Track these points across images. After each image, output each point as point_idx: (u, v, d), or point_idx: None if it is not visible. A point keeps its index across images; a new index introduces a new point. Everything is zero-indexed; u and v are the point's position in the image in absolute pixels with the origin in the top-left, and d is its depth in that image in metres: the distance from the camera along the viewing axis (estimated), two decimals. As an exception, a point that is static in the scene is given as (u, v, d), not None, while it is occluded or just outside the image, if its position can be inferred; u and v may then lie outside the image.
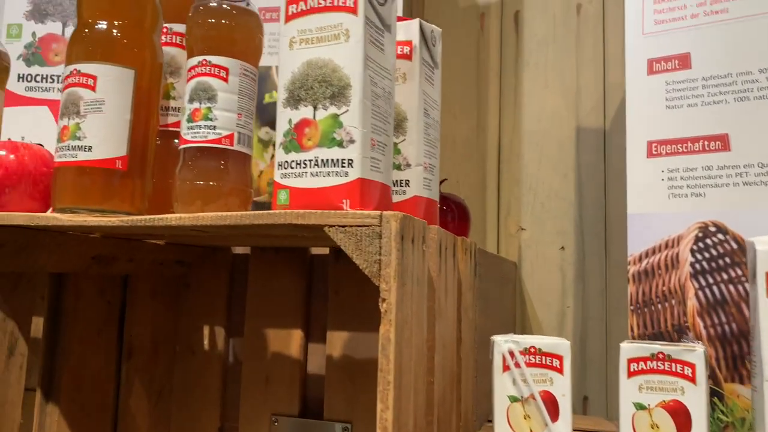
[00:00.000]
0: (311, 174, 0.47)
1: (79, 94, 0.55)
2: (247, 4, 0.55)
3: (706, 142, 0.67)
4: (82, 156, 0.54)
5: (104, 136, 0.55)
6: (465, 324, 0.64)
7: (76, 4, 0.60)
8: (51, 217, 0.52)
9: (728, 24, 0.68)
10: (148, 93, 0.58)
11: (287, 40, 0.49)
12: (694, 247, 0.66)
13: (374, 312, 0.73)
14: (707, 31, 0.69)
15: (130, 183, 0.56)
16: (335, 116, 0.47)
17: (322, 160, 0.47)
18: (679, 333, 0.66)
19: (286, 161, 0.48)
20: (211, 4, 0.54)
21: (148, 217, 0.49)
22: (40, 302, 0.64)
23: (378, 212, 0.43)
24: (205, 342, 0.80)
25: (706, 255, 0.66)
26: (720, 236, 0.66)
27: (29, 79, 0.94)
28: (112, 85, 0.56)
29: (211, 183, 0.52)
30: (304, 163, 0.47)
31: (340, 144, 0.46)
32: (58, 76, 0.95)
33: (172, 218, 0.48)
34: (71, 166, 0.55)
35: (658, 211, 0.69)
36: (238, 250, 0.82)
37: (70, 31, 0.97)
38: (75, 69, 0.56)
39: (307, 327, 0.77)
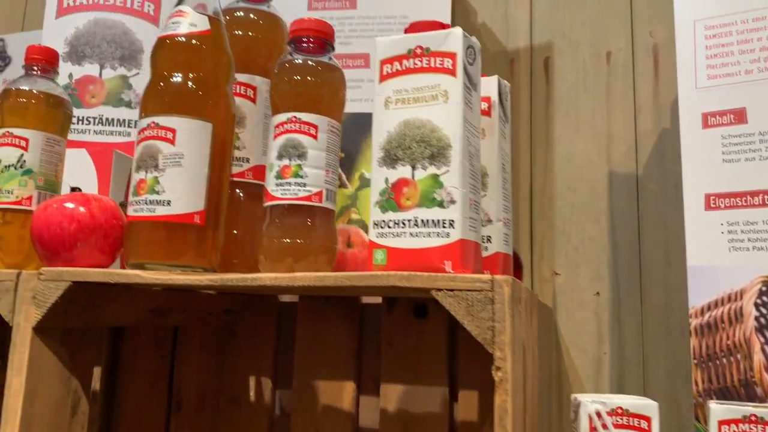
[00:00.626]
0: (411, 234, 0.46)
1: (157, 147, 0.54)
2: (330, 59, 0.55)
3: (765, 197, 0.68)
4: (161, 210, 0.53)
5: (183, 191, 0.54)
6: (533, 378, 0.63)
7: (151, 56, 0.59)
8: (133, 274, 0.50)
9: (784, 81, 0.69)
10: (222, 145, 0.57)
11: (382, 99, 0.49)
12: (758, 301, 0.67)
13: (431, 365, 0.72)
14: (762, 87, 0.70)
15: (205, 237, 0.55)
16: (435, 176, 0.46)
17: (422, 221, 0.46)
18: (746, 388, 0.66)
19: (383, 220, 0.47)
20: (296, 60, 0.54)
21: (240, 276, 0.48)
22: (98, 356, 0.62)
23: (489, 276, 0.42)
24: (252, 393, 0.78)
25: (770, 309, 0.66)
26: (784, 290, 0.66)
27: (65, 120, 0.93)
28: (191, 138, 0.55)
29: (298, 240, 0.51)
30: (403, 223, 0.47)
31: (441, 204, 0.46)
32: (95, 118, 0.95)
33: (266, 278, 0.47)
34: (148, 220, 0.54)
35: (720, 264, 0.69)
36: (285, 298, 0.80)
37: (107, 73, 0.97)
38: (153, 122, 0.55)
39: (359, 378, 0.76)
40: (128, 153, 0.81)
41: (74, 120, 0.93)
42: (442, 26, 0.50)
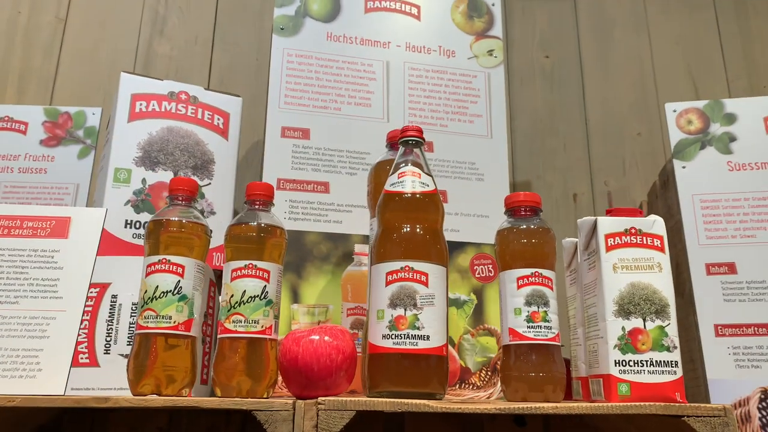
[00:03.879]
0: (648, 372, 0.62)
1: (414, 288, 0.64)
2: (541, 220, 0.70)
3: (756, 328, 0.95)
4: (422, 344, 0.62)
5: (438, 327, 0.63)
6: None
7: (379, 208, 0.68)
8: (422, 404, 0.58)
9: (760, 246, 0.99)
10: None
11: (610, 264, 0.65)
12: (759, 406, 0.92)
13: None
14: (745, 249, 0.99)
15: (444, 367, 0.65)
16: (661, 327, 0.63)
17: (656, 361, 0.62)
18: (759, 471, 0.89)
19: (624, 360, 0.62)
20: (521, 227, 0.68)
21: (526, 404, 0.59)
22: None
23: (722, 405, 0.59)
24: (364, 502, 0.84)
25: (766, 413, 0.92)
26: (775, 398, 0.92)
27: (138, 226, 0.93)
28: (438, 281, 0.65)
29: (541, 374, 0.63)
30: (641, 363, 0.62)
31: (668, 349, 0.63)
32: (169, 224, 0.95)
33: (549, 407, 0.59)
34: (409, 353, 0.62)
35: (730, 378, 0.94)
36: (389, 408, 0.88)
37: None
38: (408, 266, 0.64)
39: (466, 481, 0.86)
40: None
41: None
42: (637, 212, 0.69)
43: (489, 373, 0.90)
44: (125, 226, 0.92)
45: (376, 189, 0.80)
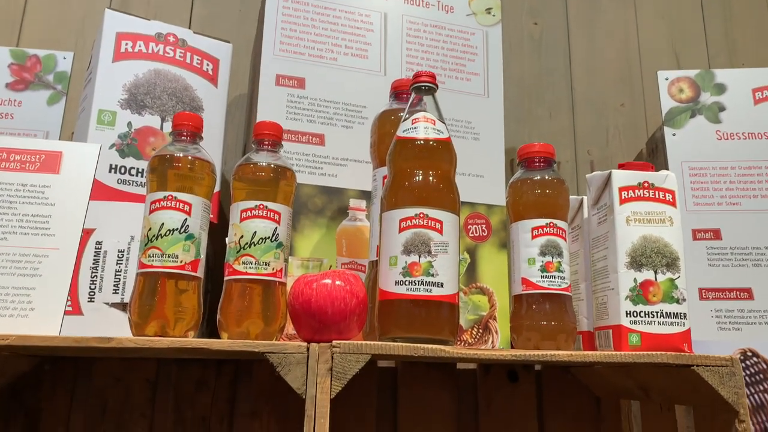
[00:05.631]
0: (658, 323, 0.63)
1: (429, 235, 0.62)
2: (554, 171, 0.69)
3: (738, 292, 0.98)
4: (436, 291, 0.61)
5: (451, 275, 0.62)
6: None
7: (391, 155, 0.66)
8: (438, 348, 0.57)
9: (745, 213, 1.01)
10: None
11: (623, 217, 0.65)
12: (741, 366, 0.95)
13: (524, 422, 0.86)
14: (730, 216, 1.01)
15: (455, 315, 0.64)
16: (672, 280, 0.64)
17: (666, 313, 0.63)
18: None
19: (635, 311, 0.63)
20: (535, 177, 0.67)
21: (540, 352, 0.58)
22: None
23: (729, 356, 0.60)
24: (357, 455, 0.83)
25: (747, 372, 0.95)
26: (755, 359, 0.95)
27: (123, 171, 0.89)
28: (451, 229, 0.64)
29: (553, 322, 0.63)
30: (652, 314, 0.63)
31: (677, 301, 0.63)
32: (155, 171, 0.92)
33: (563, 355, 0.59)
34: (423, 299, 0.61)
35: (712, 339, 0.96)
36: (382, 363, 0.87)
37: (168, 126, 0.95)
38: (422, 213, 0.63)
39: (458, 436, 0.86)
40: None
41: (132, 171, 0.90)
42: (648, 166, 0.69)
43: (480, 330, 0.90)
44: (110, 171, 0.87)
45: (381, 140, 0.78)
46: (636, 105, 1.40)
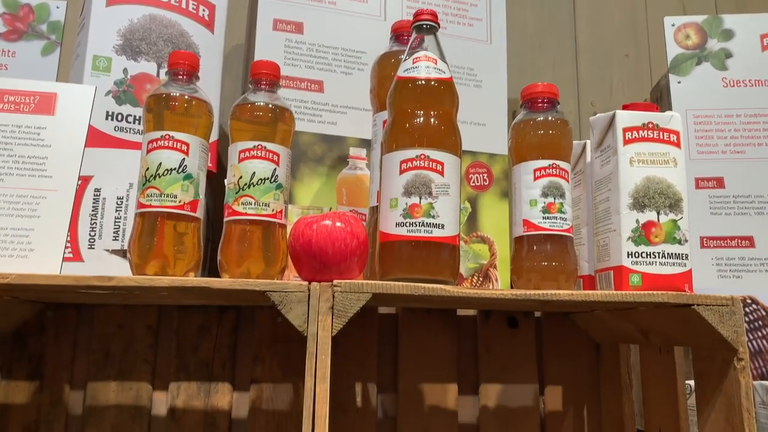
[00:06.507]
0: (659, 263, 0.62)
1: (430, 177, 0.61)
2: (557, 111, 0.68)
3: (739, 240, 0.98)
4: (437, 233, 0.61)
5: (452, 217, 0.62)
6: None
7: (392, 95, 0.65)
8: (439, 288, 0.57)
9: (749, 161, 1.00)
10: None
11: (626, 158, 0.64)
12: (738, 314, 0.95)
13: (523, 366, 0.86)
14: (733, 164, 1.01)
15: (456, 256, 0.63)
16: (674, 221, 0.63)
17: (668, 253, 0.63)
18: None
19: (637, 252, 0.63)
20: (538, 118, 0.66)
21: (541, 292, 0.58)
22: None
23: (730, 296, 0.60)
24: (358, 399, 0.84)
25: (746, 319, 0.95)
26: (754, 306, 0.96)
27: (119, 118, 0.87)
28: (452, 171, 0.63)
29: (554, 263, 0.63)
30: (653, 255, 0.62)
31: (680, 242, 0.63)
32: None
33: (564, 294, 0.59)
34: (424, 240, 0.60)
35: (711, 287, 0.96)
36: (383, 309, 0.88)
37: (164, 73, 0.93)
38: (423, 154, 0.62)
39: (458, 381, 0.87)
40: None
41: (129, 119, 0.89)
42: (653, 107, 0.67)
43: (480, 278, 0.90)
44: (106, 118, 0.86)
45: (381, 83, 0.77)
46: (641, 56, 1.37)
